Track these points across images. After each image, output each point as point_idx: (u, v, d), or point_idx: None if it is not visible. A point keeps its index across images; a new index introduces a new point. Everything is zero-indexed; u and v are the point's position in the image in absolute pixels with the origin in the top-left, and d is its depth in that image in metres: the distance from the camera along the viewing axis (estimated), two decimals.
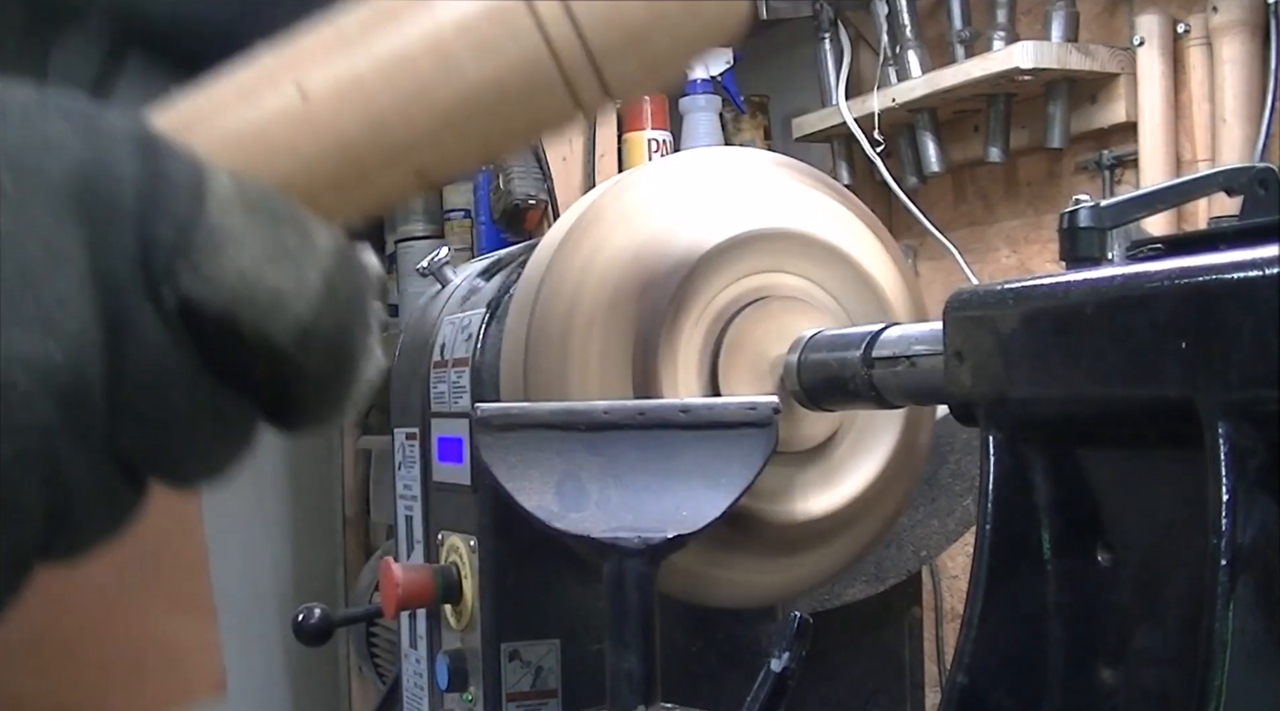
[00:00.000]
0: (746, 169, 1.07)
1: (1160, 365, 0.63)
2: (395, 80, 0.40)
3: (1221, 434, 0.60)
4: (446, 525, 1.21)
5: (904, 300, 1.04)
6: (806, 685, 1.03)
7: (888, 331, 0.88)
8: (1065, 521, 0.73)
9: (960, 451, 1.46)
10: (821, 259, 1.00)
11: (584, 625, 1.15)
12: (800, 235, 1.00)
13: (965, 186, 2.28)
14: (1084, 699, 0.71)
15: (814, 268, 1.00)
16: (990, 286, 0.75)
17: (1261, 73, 1.72)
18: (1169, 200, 0.84)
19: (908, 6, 2.14)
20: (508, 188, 2.06)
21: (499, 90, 0.41)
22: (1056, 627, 0.72)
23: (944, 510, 1.49)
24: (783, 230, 0.99)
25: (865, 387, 0.88)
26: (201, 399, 0.34)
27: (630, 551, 0.86)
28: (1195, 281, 0.62)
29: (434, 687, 1.21)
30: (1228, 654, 0.59)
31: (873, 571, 1.48)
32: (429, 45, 0.40)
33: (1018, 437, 0.73)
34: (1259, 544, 0.60)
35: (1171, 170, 1.85)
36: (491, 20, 0.41)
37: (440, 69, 0.40)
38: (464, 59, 0.41)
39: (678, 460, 0.89)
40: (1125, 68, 1.91)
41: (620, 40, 0.42)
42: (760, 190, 1.04)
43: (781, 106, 2.54)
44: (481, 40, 0.41)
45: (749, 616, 1.24)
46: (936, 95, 2.04)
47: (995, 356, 0.73)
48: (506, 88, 0.41)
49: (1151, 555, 0.69)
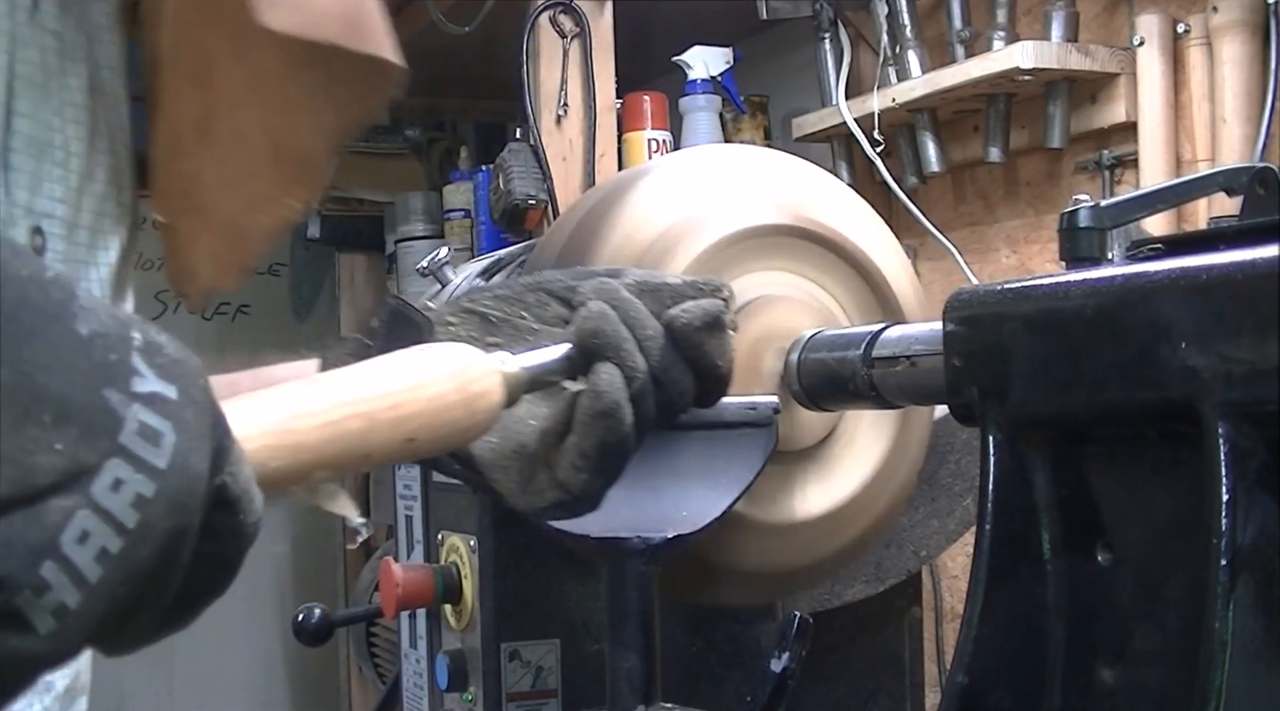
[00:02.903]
0: (748, 168, 1.07)
1: (1160, 365, 0.63)
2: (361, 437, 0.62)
3: (1221, 434, 0.60)
4: (446, 525, 1.21)
5: (908, 300, 1.04)
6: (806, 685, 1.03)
7: (888, 331, 0.88)
8: (1065, 521, 0.73)
9: (960, 451, 1.46)
10: (823, 258, 1.00)
11: (584, 625, 1.15)
12: (803, 233, 1.00)
13: (965, 186, 2.28)
14: (1084, 699, 0.71)
15: (815, 267, 1.00)
16: (990, 286, 0.75)
17: (1261, 73, 1.73)
18: (1169, 200, 0.84)
19: (908, 6, 2.14)
20: (508, 188, 2.06)
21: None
22: (1056, 627, 0.72)
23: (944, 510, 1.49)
24: (785, 228, 0.99)
25: (865, 387, 0.88)
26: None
27: (630, 551, 0.86)
28: (1195, 281, 0.62)
29: (434, 687, 1.21)
30: (1228, 654, 0.59)
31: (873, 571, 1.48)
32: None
33: (1018, 437, 0.73)
34: (1259, 544, 0.60)
35: (1171, 170, 1.85)
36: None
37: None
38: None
39: (678, 460, 0.89)
40: (1125, 68, 1.91)
41: None
42: (762, 189, 1.04)
43: (781, 106, 2.54)
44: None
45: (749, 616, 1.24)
46: (936, 95, 2.04)
47: (995, 356, 0.73)
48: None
49: (1151, 555, 0.69)
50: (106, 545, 0.46)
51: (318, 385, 0.62)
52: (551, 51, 2.07)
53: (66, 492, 0.45)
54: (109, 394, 0.46)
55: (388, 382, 0.63)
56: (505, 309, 0.78)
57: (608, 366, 0.73)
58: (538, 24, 2.06)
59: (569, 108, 2.08)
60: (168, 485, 0.47)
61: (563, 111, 2.08)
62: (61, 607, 0.45)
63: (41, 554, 0.45)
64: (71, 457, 0.45)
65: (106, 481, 0.46)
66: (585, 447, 0.73)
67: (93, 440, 0.46)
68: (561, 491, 0.74)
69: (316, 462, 0.59)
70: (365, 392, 0.62)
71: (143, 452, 0.47)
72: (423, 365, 0.64)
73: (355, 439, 0.61)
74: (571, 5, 2.07)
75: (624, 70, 2.13)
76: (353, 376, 0.63)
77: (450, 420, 0.64)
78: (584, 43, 2.08)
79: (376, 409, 0.61)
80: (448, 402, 0.64)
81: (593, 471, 0.74)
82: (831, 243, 1.01)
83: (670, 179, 1.05)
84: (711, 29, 2.39)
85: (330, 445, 0.60)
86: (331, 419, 0.60)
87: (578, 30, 2.08)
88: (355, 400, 0.61)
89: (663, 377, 0.75)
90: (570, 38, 2.08)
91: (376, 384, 0.62)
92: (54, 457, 0.45)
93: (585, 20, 2.07)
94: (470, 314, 0.78)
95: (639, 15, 2.25)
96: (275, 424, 0.58)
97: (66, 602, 0.45)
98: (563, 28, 2.08)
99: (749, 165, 1.08)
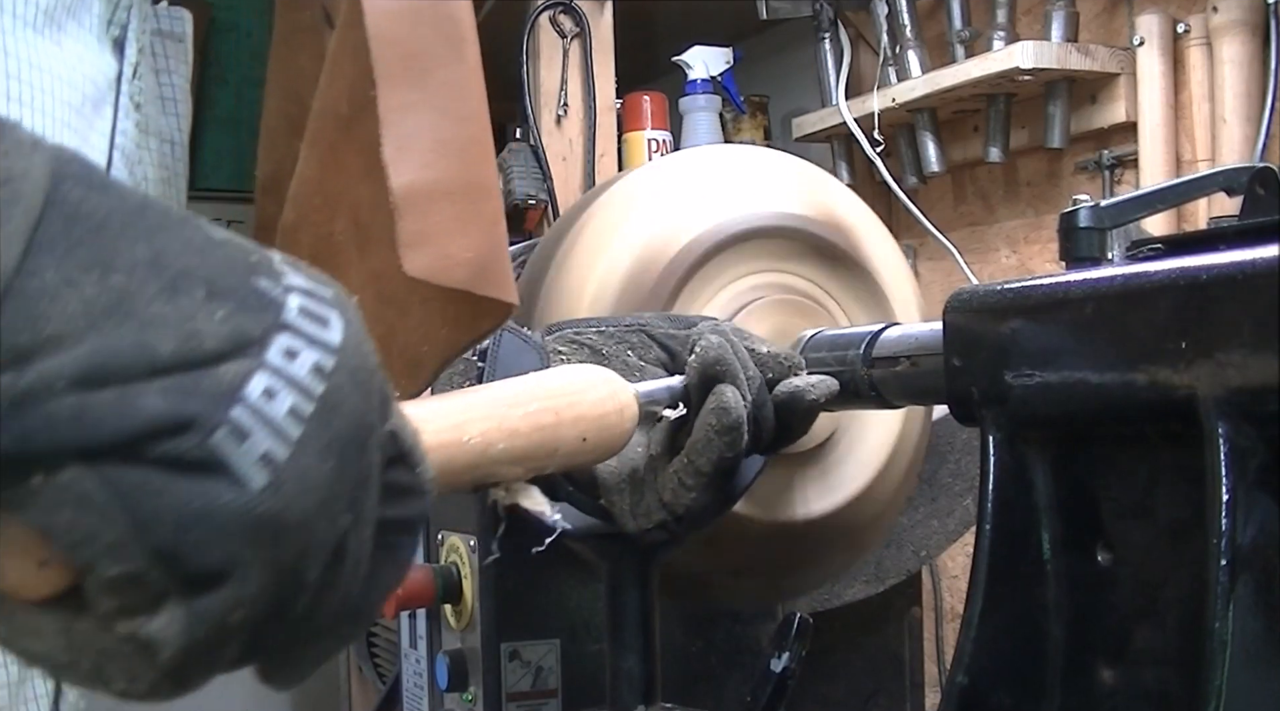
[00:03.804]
0: (750, 167, 1.07)
1: (1160, 365, 0.63)
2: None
3: (1221, 434, 0.60)
4: (446, 525, 1.21)
5: (907, 301, 1.04)
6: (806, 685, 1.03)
7: (888, 331, 0.88)
8: (1065, 521, 0.73)
9: (960, 451, 1.46)
10: (823, 259, 1.00)
11: (584, 625, 1.16)
12: (803, 234, 1.00)
13: (965, 186, 2.28)
14: (1084, 699, 0.71)
15: (815, 268, 1.00)
16: (990, 286, 0.75)
17: (1261, 73, 1.72)
18: (1169, 200, 0.84)
19: (908, 6, 2.14)
20: (508, 188, 2.06)
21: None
22: (1056, 627, 0.72)
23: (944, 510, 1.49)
24: (785, 229, 0.99)
25: (865, 387, 0.88)
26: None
27: (630, 551, 0.86)
28: (1195, 281, 0.62)
29: (434, 687, 1.21)
30: (1228, 654, 0.59)
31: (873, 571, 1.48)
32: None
33: (1018, 437, 0.73)
34: (1259, 544, 0.60)
35: (1171, 170, 1.84)
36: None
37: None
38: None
39: None
40: (1125, 68, 1.91)
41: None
42: (764, 189, 1.04)
43: (781, 106, 2.54)
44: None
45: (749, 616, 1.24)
46: (936, 95, 2.04)
47: (995, 357, 0.73)
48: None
49: (1151, 555, 0.69)
50: (296, 404, 0.41)
51: (499, 386, 0.66)
52: (551, 51, 2.07)
53: (238, 358, 0.41)
54: (258, 280, 0.42)
55: (559, 386, 0.67)
56: (612, 346, 0.85)
57: (730, 388, 0.78)
58: (538, 24, 2.06)
59: (569, 108, 2.08)
60: (347, 361, 0.43)
61: (563, 111, 2.08)
62: (269, 456, 0.41)
63: (228, 399, 0.40)
64: (235, 327, 0.41)
65: (279, 350, 0.41)
66: (699, 464, 0.79)
67: (254, 314, 0.41)
68: (666, 512, 0.80)
69: (523, 451, 0.64)
70: (546, 391, 0.66)
71: (311, 329, 0.43)
72: (579, 377, 0.70)
73: (549, 432, 0.65)
74: (571, 5, 2.07)
75: (624, 70, 2.13)
76: (526, 380, 0.67)
77: (609, 425, 0.69)
78: (584, 43, 2.08)
79: (560, 405, 0.66)
80: (607, 409, 0.69)
81: (702, 489, 0.79)
82: (831, 243, 1.01)
83: (670, 180, 1.05)
84: (711, 29, 2.39)
85: (529, 436, 0.64)
86: (529, 410, 0.64)
87: (578, 30, 2.08)
88: (544, 395, 0.66)
89: (757, 414, 0.81)
90: (570, 38, 2.08)
91: (550, 386, 0.67)
92: (216, 325, 0.40)
93: (585, 20, 2.07)
94: (580, 346, 0.84)
95: (639, 15, 2.25)
96: (487, 410, 0.62)
97: (274, 452, 0.41)
98: (563, 28, 2.08)
99: (748, 165, 1.08)
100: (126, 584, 0.40)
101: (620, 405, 0.71)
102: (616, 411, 0.70)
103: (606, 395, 0.70)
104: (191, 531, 0.40)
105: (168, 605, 0.41)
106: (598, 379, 0.70)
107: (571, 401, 0.67)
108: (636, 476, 0.81)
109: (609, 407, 0.70)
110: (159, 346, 0.40)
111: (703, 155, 1.17)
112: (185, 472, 0.40)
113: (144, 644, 0.41)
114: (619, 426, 0.70)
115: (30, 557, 0.41)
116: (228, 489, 0.40)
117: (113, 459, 0.39)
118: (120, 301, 0.39)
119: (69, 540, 0.39)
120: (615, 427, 0.70)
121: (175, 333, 0.40)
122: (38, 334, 0.38)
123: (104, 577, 0.40)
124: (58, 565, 0.41)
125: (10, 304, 0.38)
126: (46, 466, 0.39)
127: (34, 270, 0.39)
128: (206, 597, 0.41)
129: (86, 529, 0.39)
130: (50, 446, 0.39)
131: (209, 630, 0.41)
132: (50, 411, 0.38)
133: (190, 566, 0.40)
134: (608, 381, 0.71)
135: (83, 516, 0.39)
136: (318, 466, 0.42)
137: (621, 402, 0.71)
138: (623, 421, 0.71)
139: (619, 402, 0.70)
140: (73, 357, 0.39)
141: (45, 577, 0.41)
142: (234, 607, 0.42)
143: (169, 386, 0.40)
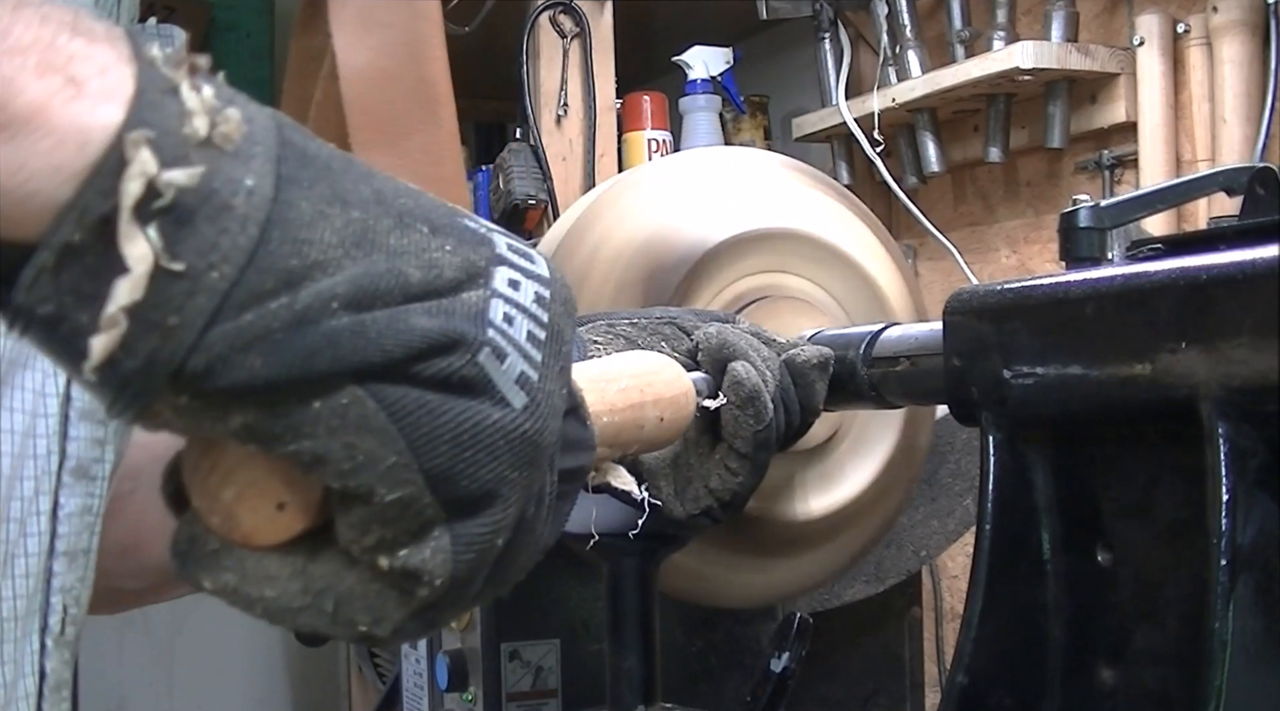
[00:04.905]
0: (750, 168, 1.07)
1: (1160, 365, 0.63)
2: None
3: (1221, 434, 0.60)
4: None
5: (904, 302, 1.04)
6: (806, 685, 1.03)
7: (888, 331, 0.88)
8: (1065, 521, 0.73)
9: (960, 451, 1.46)
10: (823, 259, 1.00)
11: (584, 625, 1.16)
12: (802, 235, 1.00)
13: (965, 186, 2.28)
14: (1084, 699, 0.71)
15: (816, 268, 1.00)
16: (990, 286, 0.75)
17: (1261, 73, 1.72)
18: (1169, 200, 0.84)
19: (908, 6, 2.14)
20: (508, 188, 2.06)
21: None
22: (1056, 627, 0.72)
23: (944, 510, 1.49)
24: (785, 230, 0.99)
25: (865, 387, 0.88)
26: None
27: (630, 551, 0.86)
28: (1195, 281, 0.62)
29: (434, 687, 1.21)
30: (1228, 654, 0.59)
31: (873, 571, 1.48)
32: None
33: (1018, 437, 0.73)
34: (1259, 544, 0.60)
35: (1171, 170, 1.84)
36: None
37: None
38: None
39: None
40: (1125, 68, 1.91)
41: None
42: (763, 190, 1.04)
43: (781, 106, 2.54)
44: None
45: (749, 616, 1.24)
46: (936, 95, 2.04)
47: (995, 357, 0.73)
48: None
49: (1151, 555, 0.69)
50: (532, 330, 0.43)
51: (587, 365, 0.66)
52: (551, 51, 2.07)
53: (474, 287, 0.42)
54: (464, 220, 0.44)
55: (640, 367, 0.68)
56: (646, 337, 0.85)
57: (741, 362, 0.79)
58: (538, 24, 2.06)
59: (569, 108, 2.08)
60: (559, 292, 0.45)
61: (563, 111, 2.08)
62: (525, 377, 0.42)
63: (483, 320, 0.42)
64: (464, 258, 0.43)
65: (503, 280, 0.43)
66: (738, 446, 0.79)
67: (474, 247, 0.43)
68: (712, 498, 0.81)
69: (617, 427, 0.64)
70: (631, 370, 0.67)
71: (523, 263, 0.45)
72: (649, 360, 0.71)
73: (638, 410, 0.66)
74: (571, 5, 2.07)
75: (624, 70, 2.13)
76: (611, 360, 0.68)
77: (681, 407, 0.71)
78: (584, 43, 2.08)
79: (643, 384, 0.67)
80: (677, 391, 0.71)
81: (746, 471, 0.80)
82: (831, 243, 1.01)
83: (669, 180, 1.05)
84: (711, 29, 2.39)
85: (624, 413, 0.64)
86: (622, 386, 0.65)
87: (578, 30, 2.08)
88: (632, 374, 0.67)
89: (784, 397, 0.82)
90: (570, 38, 2.08)
91: (633, 367, 0.68)
92: (449, 256, 0.42)
93: (585, 20, 2.07)
94: (616, 336, 0.84)
95: (639, 15, 2.25)
96: (586, 385, 0.60)
97: (528, 374, 0.42)
98: (563, 28, 2.07)
99: (746, 166, 1.08)
100: (400, 511, 0.40)
101: (686, 388, 0.72)
102: (684, 394, 0.72)
103: (674, 377, 0.71)
104: (467, 450, 0.40)
105: (434, 533, 0.41)
106: (663, 363, 0.72)
107: (650, 382, 0.68)
108: (679, 462, 0.83)
109: (679, 389, 0.71)
110: (410, 274, 0.41)
111: (703, 156, 1.17)
112: (455, 392, 0.40)
113: (410, 575, 0.41)
114: (686, 408, 0.72)
115: (269, 500, 0.41)
116: (495, 408, 0.41)
117: (387, 379, 0.39)
118: (364, 233, 0.41)
119: (348, 466, 0.39)
120: (684, 409, 0.71)
121: (418, 261, 0.41)
122: (305, 258, 0.39)
123: (380, 505, 0.40)
124: (295, 508, 0.41)
125: (275, 231, 0.39)
126: (325, 389, 0.39)
127: (290, 201, 0.39)
128: (473, 522, 0.41)
129: (366, 452, 0.39)
130: (333, 366, 0.39)
131: (476, 557, 0.41)
132: (331, 330, 0.39)
133: (461, 488, 0.40)
134: (671, 365, 0.72)
135: (363, 440, 0.39)
136: (557, 390, 0.44)
137: (686, 386, 0.72)
138: (689, 404, 0.72)
139: (684, 385, 0.72)
140: (342, 279, 0.39)
141: (282, 521, 0.41)
142: (498, 532, 0.42)
143: (431, 309, 0.41)
